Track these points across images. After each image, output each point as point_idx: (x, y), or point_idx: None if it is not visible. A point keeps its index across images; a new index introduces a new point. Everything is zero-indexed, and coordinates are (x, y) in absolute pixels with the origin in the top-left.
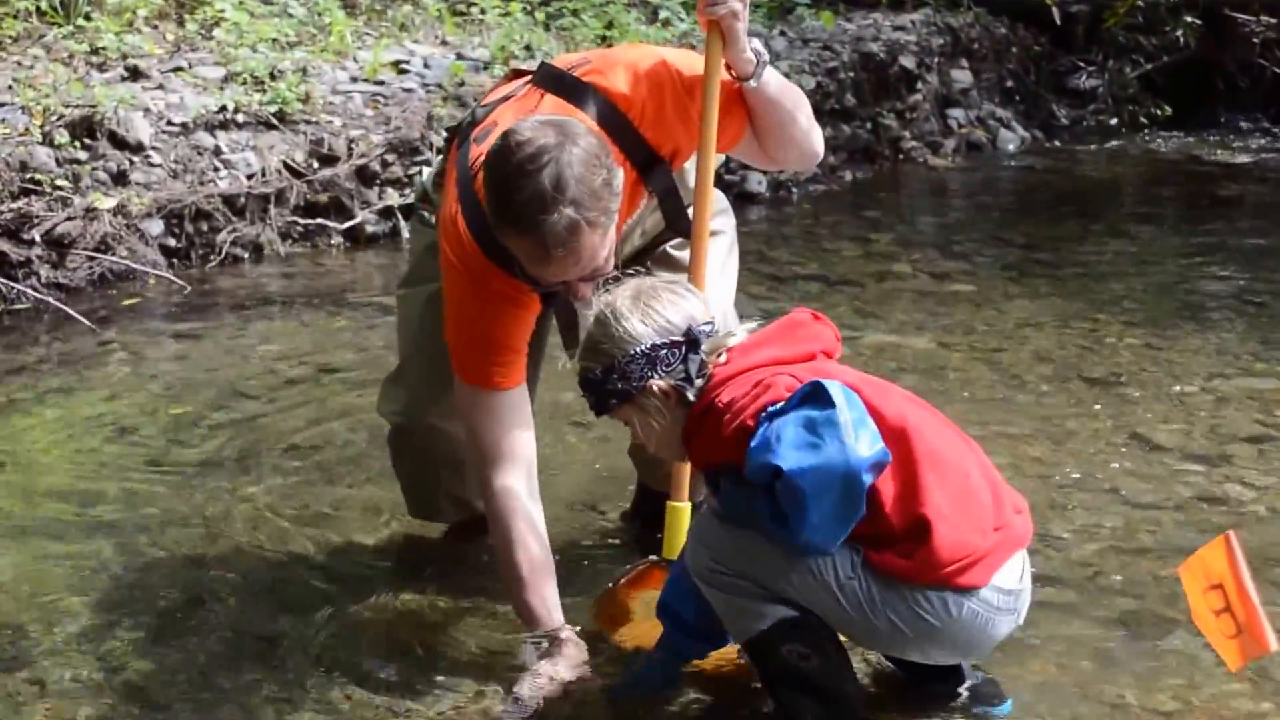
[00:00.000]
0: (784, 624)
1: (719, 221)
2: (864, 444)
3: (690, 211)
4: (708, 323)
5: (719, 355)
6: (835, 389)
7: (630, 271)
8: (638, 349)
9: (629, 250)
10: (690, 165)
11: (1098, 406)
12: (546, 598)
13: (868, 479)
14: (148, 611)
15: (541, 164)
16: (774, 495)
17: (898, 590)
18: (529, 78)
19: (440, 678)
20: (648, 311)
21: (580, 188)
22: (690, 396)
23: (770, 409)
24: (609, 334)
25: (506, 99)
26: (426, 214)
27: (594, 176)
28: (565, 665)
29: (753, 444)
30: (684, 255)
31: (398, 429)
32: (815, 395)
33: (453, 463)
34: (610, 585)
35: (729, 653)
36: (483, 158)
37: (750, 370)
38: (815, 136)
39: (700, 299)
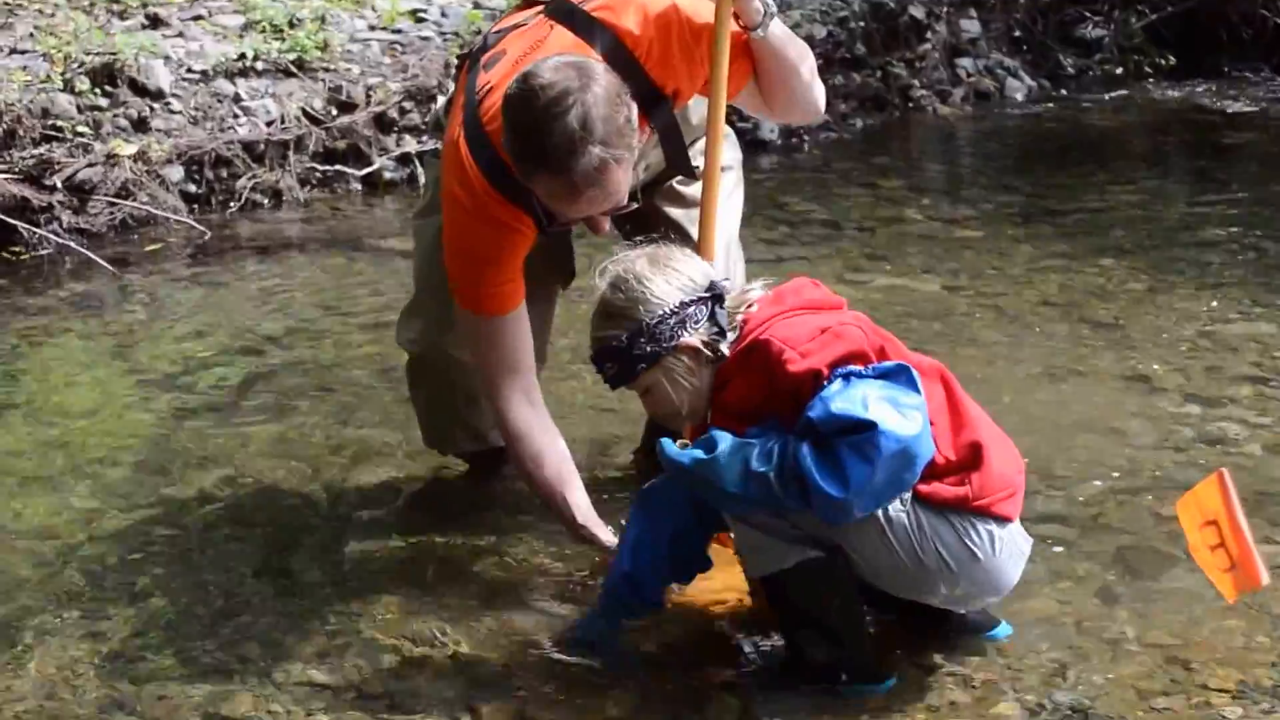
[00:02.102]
0: (806, 564)
1: (726, 156)
2: (931, 441)
3: (691, 150)
4: (725, 278)
5: (749, 306)
6: (918, 378)
7: (634, 241)
8: (667, 308)
9: (631, 184)
10: (694, 105)
11: (1101, 349)
12: (577, 503)
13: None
14: (164, 549)
15: (568, 105)
16: (822, 445)
17: (947, 520)
18: (540, 8)
19: (455, 612)
20: (669, 272)
21: (607, 127)
22: (724, 350)
23: (848, 369)
24: (634, 298)
25: (517, 27)
26: (440, 144)
27: (617, 115)
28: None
29: (829, 394)
30: (691, 191)
31: (415, 357)
32: (897, 376)
33: (467, 391)
34: (622, 523)
35: (729, 591)
36: (490, 85)
37: (789, 313)
38: (818, 92)
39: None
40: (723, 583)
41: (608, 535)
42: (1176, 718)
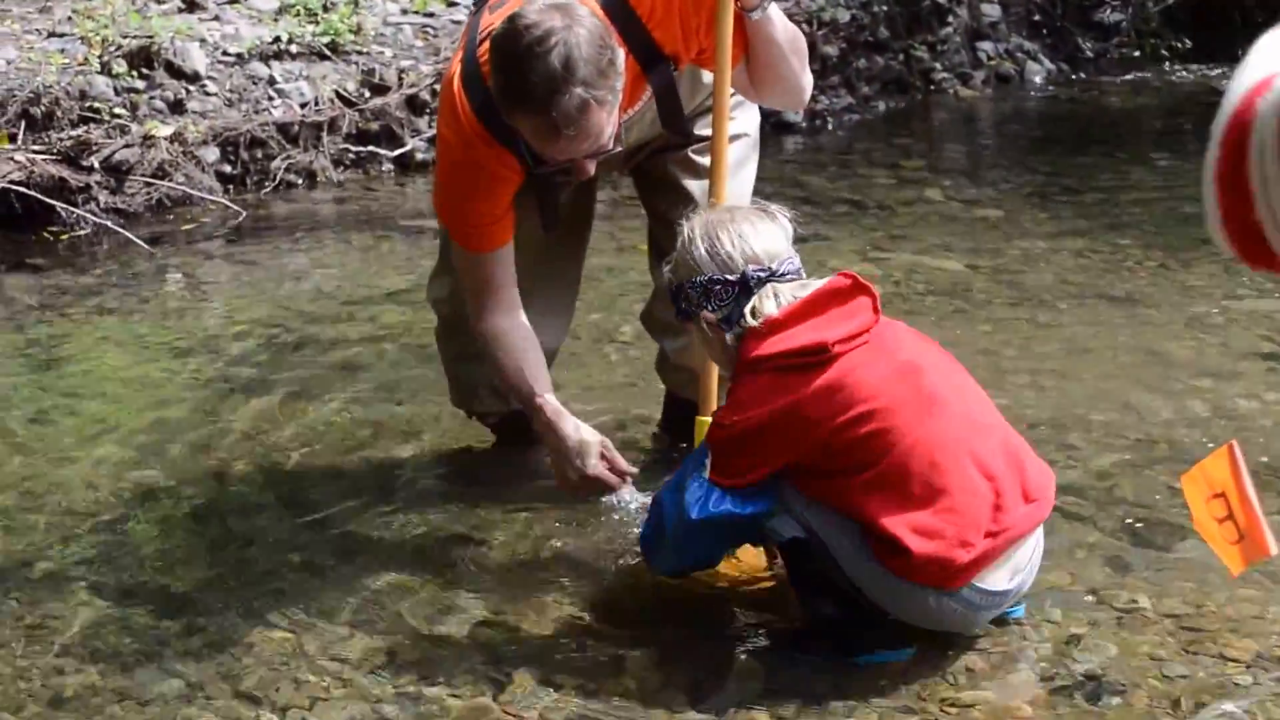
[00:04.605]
0: (799, 541)
1: (741, 122)
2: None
3: (704, 120)
4: (764, 268)
5: (759, 318)
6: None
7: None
8: (698, 279)
9: (630, 143)
10: (698, 75)
11: (1116, 325)
12: (537, 380)
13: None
14: (195, 522)
15: (550, 45)
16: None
17: (885, 573)
18: None
19: (482, 583)
20: (713, 242)
21: (589, 67)
22: (729, 339)
23: (702, 477)
24: (681, 257)
25: None
26: None
27: (600, 56)
28: (558, 446)
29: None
30: (707, 162)
31: (443, 317)
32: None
33: None
34: (639, 499)
35: (757, 562)
36: (491, 27)
37: (770, 365)
38: (805, 82)
39: (782, 228)
40: (747, 557)
41: (569, 427)
42: (1189, 686)
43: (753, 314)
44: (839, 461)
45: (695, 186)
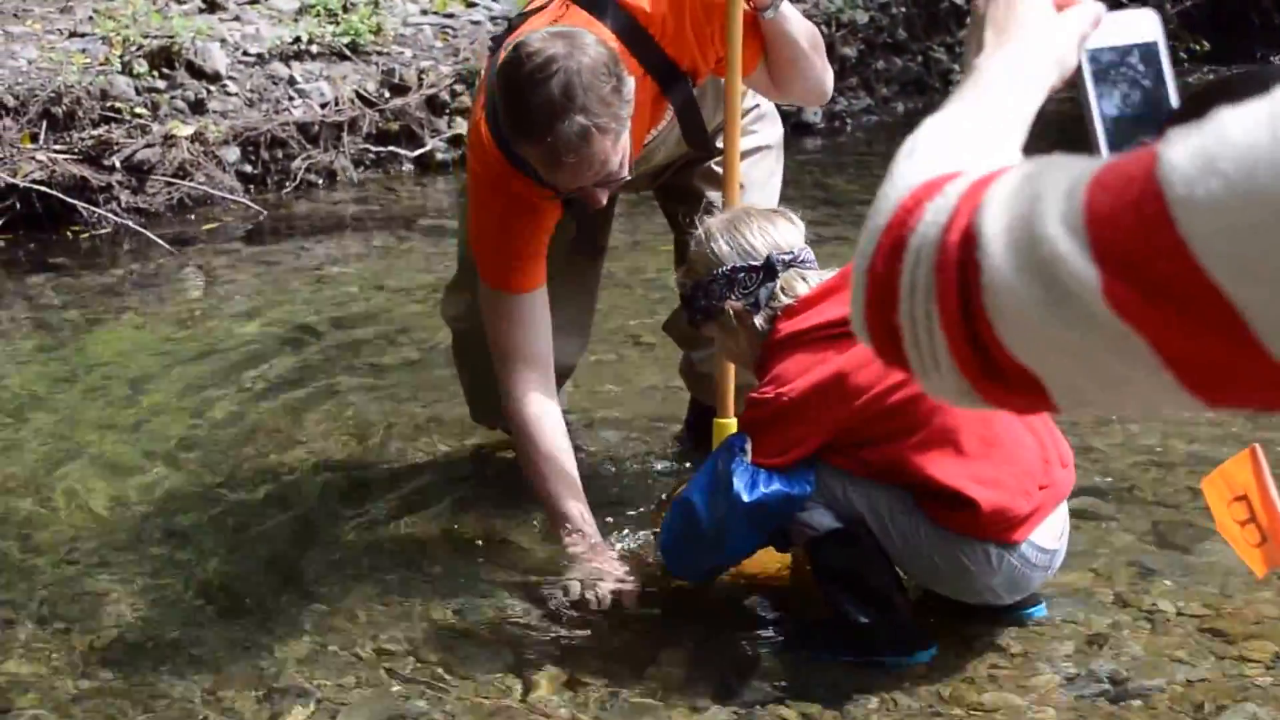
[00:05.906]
0: (835, 534)
1: (764, 134)
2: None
3: (710, 129)
4: (787, 253)
5: (790, 298)
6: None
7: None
8: (720, 270)
9: (657, 163)
10: (720, 89)
11: None
12: (570, 501)
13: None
14: (215, 522)
15: (551, 72)
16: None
17: (944, 534)
18: None
19: (502, 584)
20: (734, 235)
21: (589, 95)
22: (758, 322)
23: (744, 442)
24: (701, 254)
25: (538, 10)
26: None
27: (602, 84)
28: (607, 572)
29: (734, 443)
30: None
31: (459, 334)
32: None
33: None
34: (663, 497)
35: (773, 563)
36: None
37: (807, 338)
38: (825, 77)
39: (796, 228)
40: (768, 558)
41: (585, 546)
42: (1211, 688)
43: (784, 293)
44: (886, 426)
45: (719, 198)
